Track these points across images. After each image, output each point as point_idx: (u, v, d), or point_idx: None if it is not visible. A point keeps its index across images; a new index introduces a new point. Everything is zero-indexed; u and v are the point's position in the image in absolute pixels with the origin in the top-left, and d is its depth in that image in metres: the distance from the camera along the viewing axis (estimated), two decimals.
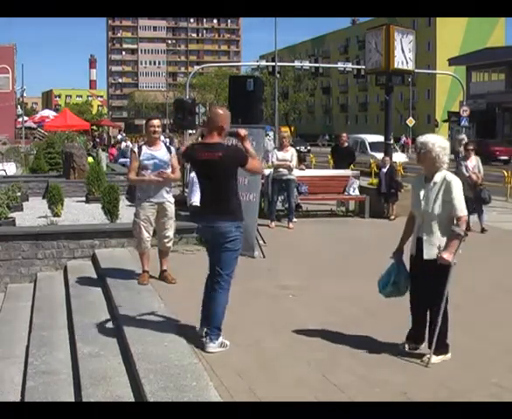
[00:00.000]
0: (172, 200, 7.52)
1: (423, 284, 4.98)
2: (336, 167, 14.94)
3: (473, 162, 11.55)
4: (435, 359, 4.90)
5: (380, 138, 26.47)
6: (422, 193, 4.98)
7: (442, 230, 4.91)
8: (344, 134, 15.60)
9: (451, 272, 4.86)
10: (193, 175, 11.31)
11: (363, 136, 32.85)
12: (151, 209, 7.25)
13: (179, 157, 6.88)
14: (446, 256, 4.81)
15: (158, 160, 7.23)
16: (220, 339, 5.23)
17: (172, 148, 7.83)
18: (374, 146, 28.05)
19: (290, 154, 11.77)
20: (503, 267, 8.66)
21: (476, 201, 11.21)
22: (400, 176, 13.69)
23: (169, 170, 7.30)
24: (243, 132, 5.36)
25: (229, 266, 5.35)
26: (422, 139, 4.97)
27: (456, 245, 4.85)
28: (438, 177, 4.90)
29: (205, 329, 5.27)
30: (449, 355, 5.00)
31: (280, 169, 11.67)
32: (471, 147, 11.88)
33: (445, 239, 4.89)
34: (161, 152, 7.31)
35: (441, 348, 4.94)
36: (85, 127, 38.13)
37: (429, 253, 4.91)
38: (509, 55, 51.48)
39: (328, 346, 5.31)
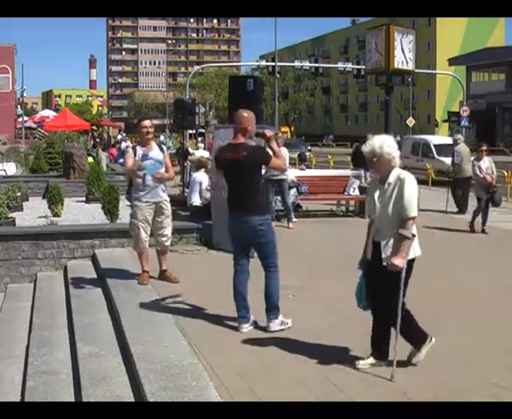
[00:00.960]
0: (168, 198, 7.54)
1: (380, 290, 4.78)
2: (360, 167, 14.72)
3: (487, 163, 11.52)
4: (422, 355, 4.81)
5: (447, 140, 23.90)
6: (377, 195, 4.76)
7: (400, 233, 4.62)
8: (370, 135, 15.47)
9: (402, 277, 4.61)
10: (194, 175, 11.33)
11: (427, 137, 27.37)
12: (149, 209, 7.26)
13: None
14: (397, 261, 4.54)
15: (153, 160, 7.25)
16: (280, 317, 5.67)
17: (164, 148, 7.86)
18: (440, 149, 23.42)
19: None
20: (503, 267, 8.66)
21: (487, 202, 11.23)
22: None
23: (162, 170, 7.33)
24: (269, 133, 5.76)
25: (271, 255, 5.73)
26: (367, 148, 4.68)
27: (405, 249, 4.55)
28: (392, 177, 4.66)
29: (253, 318, 5.75)
30: (433, 340, 4.90)
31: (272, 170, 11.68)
32: (484, 148, 11.82)
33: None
34: (155, 152, 7.32)
35: (419, 341, 4.85)
36: (85, 127, 38.12)
37: (386, 259, 4.67)
38: (509, 55, 51.50)
39: (328, 346, 5.31)
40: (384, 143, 4.64)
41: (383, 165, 4.66)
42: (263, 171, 12.20)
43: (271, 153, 5.75)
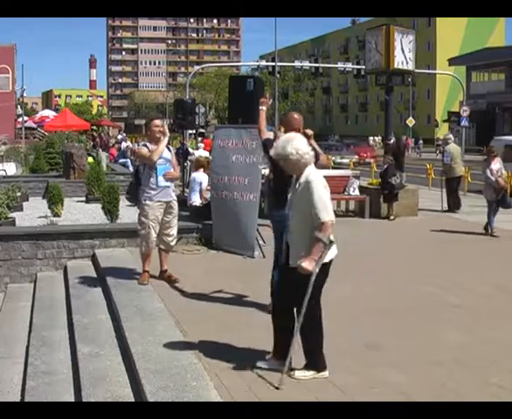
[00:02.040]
0: (176, 198, 7.57)
1: (289, 292, 4.60)
2: (398, 168, 14.00)
3: (498, 165, 11.43)
4: (302, 374, 4.58)
5: None
6: (290, 195, 4.64)
7: (306, 234, 4.42)
8: (404, 137, 15.06)
9: (312, 282, 4.37)
10: (194, 175, 11.32)
11: None
12: (160, 209, 7.26)
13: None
14: (305, 264, 4.32)
15: (164, 159, 7.29)
16: None
17: (171, 147, 7.84)
18: None
19: None
20: (503, 267, 8.66)
21: (497, 204, 11.17)
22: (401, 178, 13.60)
23: (171, 169, 7.35)
24: (310, 132, 6.08)
25: None
26: (273, 151, 4.59)
27: (318, 253, 4.33)
28: (303, 177, 4.48)
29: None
30: (326, 373, 4.61)
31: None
32: (494, 153, 11.76)
33: (308, 245, 4.41)
34: (165, 151, 7.33)
35: (313, 364, 4.60)
36: (85, 127, 38.12)
37: (294, 260, 4.48)
38: (509, 55, 51.49)
39: (329, 347, 5.31)
40: (287, 144, 4.49)
41: (291, 165, 4.51)
42: (267, 171, 12.24)
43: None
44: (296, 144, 4.48)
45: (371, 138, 66.30)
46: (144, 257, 7.37)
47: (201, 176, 11.04)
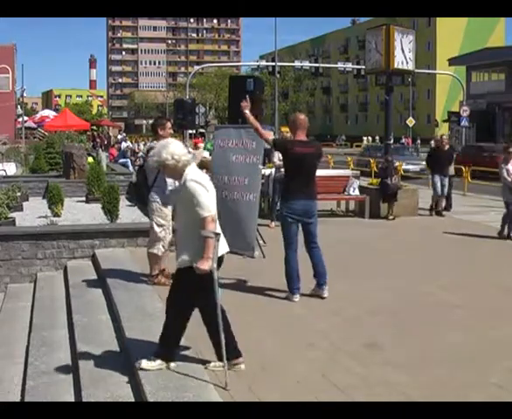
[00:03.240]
0: None
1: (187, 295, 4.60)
2: (436, 172, 13.94)
3: None
4: (214, 365, 4.65)
5: None
6: (177, 198, 4.70)
7: (195, 235, 4.42)
8: (445, 136, 14.72)
9: (215, 279, 4.39)
10: None
11: None
12: (171, 210, 7.27)
13: None
14: (201, 264, 4.33)
15: None
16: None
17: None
18: None
19: None
20: (503, 267, 8.67)
21: None
22: (397, 178, 13.59)
23: None
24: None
25: (317, 234, 6.91)
26: (152, 160, 4.63)
27: (210, 250, 4.34)
28: (183, 179, 4.54)
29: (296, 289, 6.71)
30: (241, 360, 4.71)
31: (282, 170, 11.67)
32: (511, 150, 11.58)
33: (198, 245, 4.40)
34: None
35: (226, 354, 4.59)
36: (85, 127, 38.11)
37: (180, 262, 4.52)
38: (509, 55, 51.45)
39: (329, 347, 5.31)
40: (162, 150, 4.54)
41: (170, 170, 4.58)
42: (267, 171, 12.22)
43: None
44: (171, 149, 4.54)
45: (365, 138, 66.71)
46: (157, 259, 7.25)
47: None
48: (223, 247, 4.64)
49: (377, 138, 65.55)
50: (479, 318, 6.24)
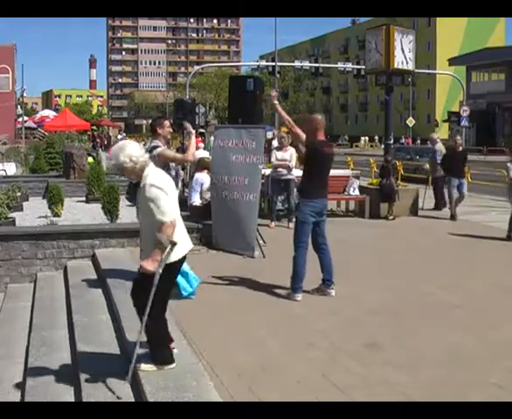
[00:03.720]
0: None
1: (139, 291, 4.66)
2: (452, 174, 13.41)
3: None
4: (146, 367, 4.58)
5: None
6: (138, 199, 4.68)
7: (152, 235, 4.44)
8: (458, 137, 14.37)
9: (155, 282, 4.38)
10: (196, 176, 11.31)
11: None
12: None
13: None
14: (146, 264, 4.37)
15: None
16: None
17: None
18: None
19: (289, 154, 11.77)
20: (503, 267, 8.67)
21: None
22: (397, 180, 13.59)
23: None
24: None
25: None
26: (112, 163, 4.62)
27: (159, 253, 4.35)
28: (142, 181, 4.52)
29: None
30: (173, 365, 4.62)
31: (280, 169, 11.69)
32: None
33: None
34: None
35: (158, 359, 4.60)
36: (85, 126, 38.12)
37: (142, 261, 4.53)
38: (509, 55, 51.49)
39: (329, 346, 5.31)
40: (120, 152, 4.50)
41: (128, 173, 4.56)
42: (268, 171, 12.24)
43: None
44: (129, 151, 4.49)
45: (363, 138, 66.81)
46: None
47: (203, 177, 11.02)
48: (179, 252, 4.57)
49: (376, 138, 65.64)
50: (479, 318, 6.24)
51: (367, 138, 68.03)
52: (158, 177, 4.52)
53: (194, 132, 7.42)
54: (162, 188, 4.43)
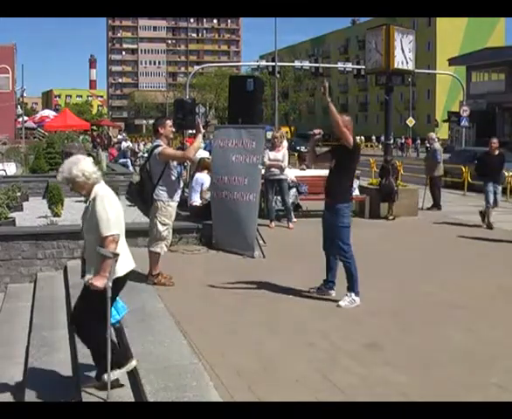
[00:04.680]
0: None
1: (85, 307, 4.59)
2: (488, 179, 12.37)
3: None
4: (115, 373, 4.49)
5: None
6: (83, 213, 4.69)
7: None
8: (495, 140, 12.95)
9: (108, 298, 4.35)
10: (196, 176, 11.31)
11: None
12: (175, 210, 7.28)
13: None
14: (96, 280, 4.36)
15: None
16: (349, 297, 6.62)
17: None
18: None
19: (282, 155, 11.79)
20: (503, 267, 8.66)
21: None
22: (397, 180, 13.57)
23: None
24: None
25: None
26: (60, 177, 4.60)
27: (106, 269, 4.36)
28: (92, 194, 4.54)
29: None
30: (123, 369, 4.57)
31: (272, 169, 11.69)
32: None
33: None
34: None
35: (99, 376, 4.52)
36: (85, 126, 38.15)
37: (90, 277, 4.50)
38: (509, 55, 51.45)
39: (329, 346, 5.31)
40: (73, 166, 4.52)
41: (79, 187, 4.58)
42: (263, 171, 12.25)
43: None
44: (82, 166, 4.52)
45: (357, 138, 66.47)
46: (157, 259, 7.26)
47: (204, 177, 11.02)
48: (125, 267, 4.61)
49: (374, 138, 65.57)
50: (479, 318, 6.24)
51: (363, 138, 67.91)
52: (106, 193, 4.56)
53: (203, 131, 7.42)
54: (109, 203, 4.49)
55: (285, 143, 20.04)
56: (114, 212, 4.48)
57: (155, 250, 7.24)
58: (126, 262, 4.66)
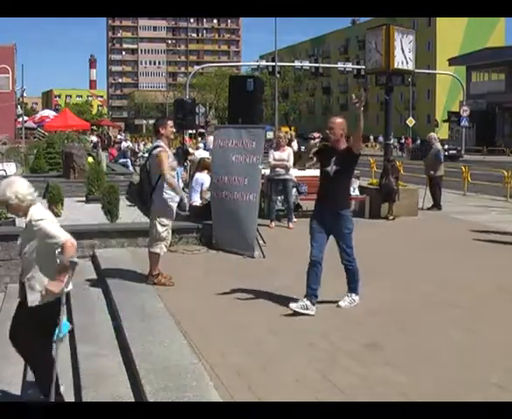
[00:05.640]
0: None
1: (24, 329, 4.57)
2: None
3: None
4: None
5: None
6: (20, 237, 4.66)
7: (44, 270, 4.47)
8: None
9: (63, 301, 4.34)
10: (196, 176, 11.32)
11: None
12: (174, 210, 7.27)
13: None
14: (52, 286, 4.34)
15: (176, 161, 7.30)
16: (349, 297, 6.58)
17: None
18: None
19: (287, 154, 11.76)
20: (503, 267, 8.66)
21: None
22: (397, 179, 13.55)
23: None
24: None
25: None
26: None
27: (64, 275, 4.35)
28: (28, 217, 4.47)
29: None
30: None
31: (277, 169, 11.67)
32: None
33: (47, 280, 4.42)
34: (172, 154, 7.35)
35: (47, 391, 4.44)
36: (85, 126, 38.14)
37: (32, 299, 4.47)
38: (509, 55, 51.48)
39: (329, 346, 5.31)
40: (6, 188, 4.46)
41: (13, 209, 4.54)
42: (268, 171, 12.21)
43: None
44: (15, 188, 4.45)
45: (351, 138, 66.41)
46: (157, 260, 7.24)
47: (204, 177, 11.03)
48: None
49: (372, 137, 65.50)
50: (479, 318, 6.24)
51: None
52: (42, 216, 4.46)
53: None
54: (45, 218, 4.44)
55: (295, 144, 19.91)
56: (52, 223, 4.42)
57: (154, 251, 7.24)
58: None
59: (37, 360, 4.54)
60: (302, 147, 41.40)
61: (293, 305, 6.15)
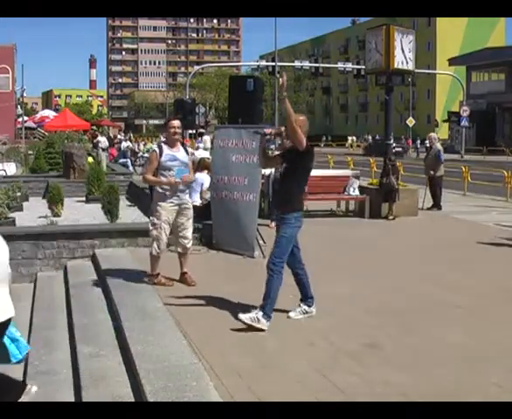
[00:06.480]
0: (190, 200, 7.54)
1: None
2: None
3: None
4: None
5: None
6: None
7: None
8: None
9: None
10: (196, 175, 11.32)
11: None
12: (172, 211, 7.17)
13: None
14: None
15: (180, 161, 7.16)
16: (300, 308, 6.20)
17: (189, 150, 7.79)
18: None
19: None
20: (503, 267, 8.66)
21: None
22: (397, 179, 13.54)
23: (187, 172, 7.28)
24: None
25: None
26: None
27: None
28: None
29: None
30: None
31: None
32: None
33: None
34: (181, 153, 7.23)
35: None
36: (85, 126, 38.11)
37: None
38: (509, 55, 51.50)
39: (328, 346, 5.31)
40: None
41: None
42: (268, 171, 12.17)
43: None
44: None
45: (350, 138, 66.73)
46: (155, 259, 7.24)
47: (204, 177, 11.02)
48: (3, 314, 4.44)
49: (370, 137, 65.59)
50: (479, 318, 6.24)
51: (354, 138, 67.94)
52: None
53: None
54: None
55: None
56: None
57: (150, 251, 7.30)
58: (5, 310, 4.52)
59: None
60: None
61: (291, 314, 6.07)
